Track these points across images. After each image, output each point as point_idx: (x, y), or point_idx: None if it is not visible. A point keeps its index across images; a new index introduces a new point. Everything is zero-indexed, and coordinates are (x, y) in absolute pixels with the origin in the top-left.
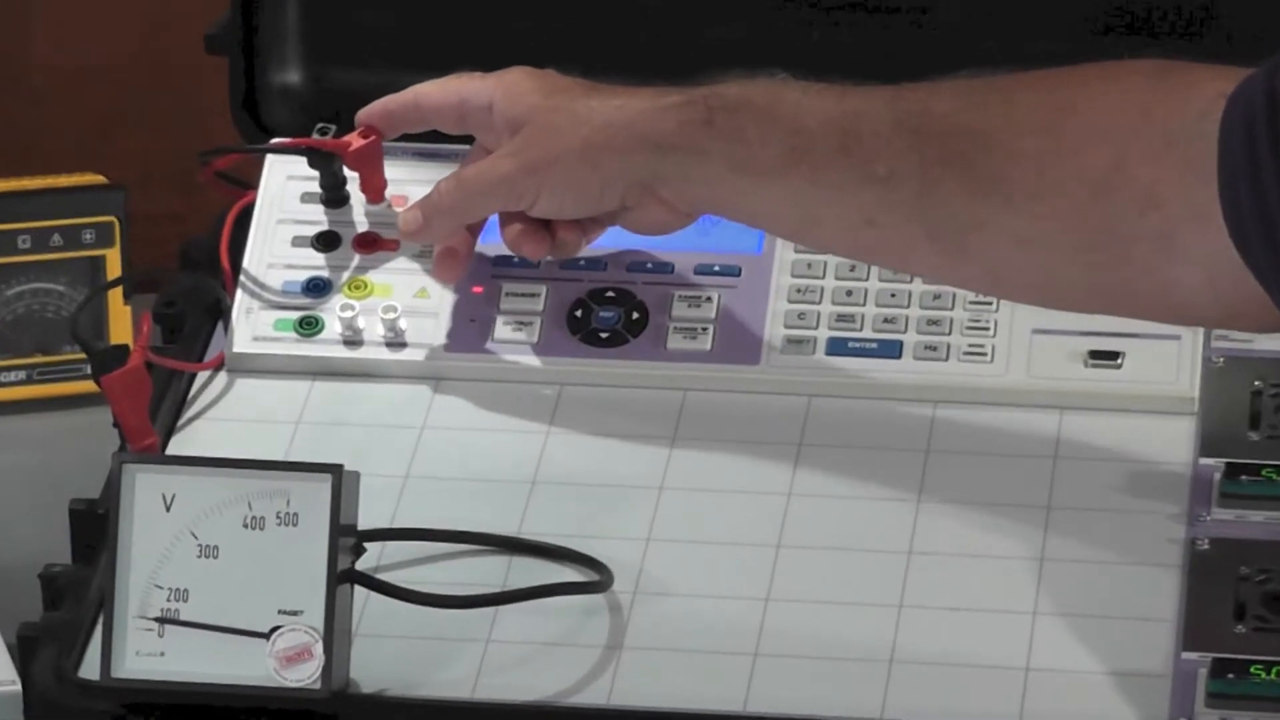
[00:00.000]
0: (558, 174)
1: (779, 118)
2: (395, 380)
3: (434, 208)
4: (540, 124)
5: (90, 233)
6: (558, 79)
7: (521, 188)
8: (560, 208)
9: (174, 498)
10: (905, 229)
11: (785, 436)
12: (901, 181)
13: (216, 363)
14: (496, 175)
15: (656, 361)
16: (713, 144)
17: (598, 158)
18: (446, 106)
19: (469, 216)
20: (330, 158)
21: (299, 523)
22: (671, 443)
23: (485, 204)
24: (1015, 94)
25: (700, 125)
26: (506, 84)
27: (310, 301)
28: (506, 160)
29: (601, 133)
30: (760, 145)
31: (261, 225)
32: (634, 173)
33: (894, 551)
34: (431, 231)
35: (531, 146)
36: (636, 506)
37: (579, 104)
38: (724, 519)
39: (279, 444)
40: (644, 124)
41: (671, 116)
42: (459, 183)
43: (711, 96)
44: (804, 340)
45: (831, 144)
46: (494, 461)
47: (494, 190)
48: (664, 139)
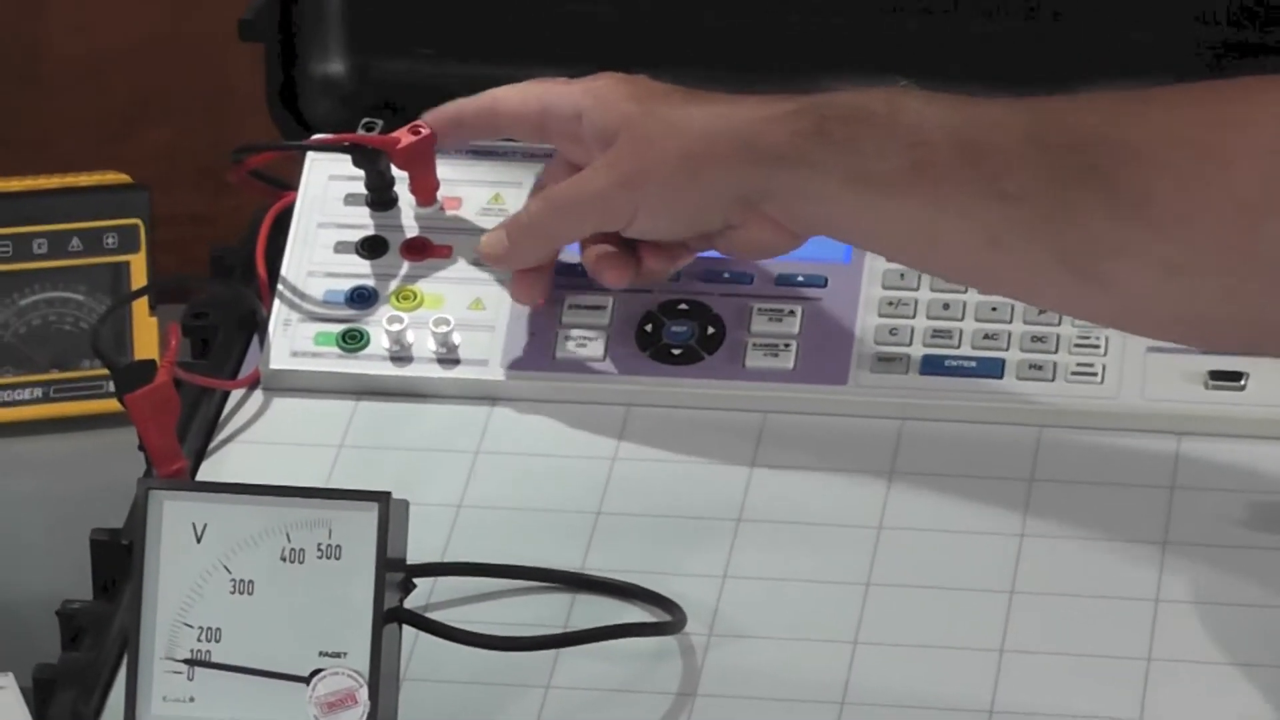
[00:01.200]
0: (655, 189)
1: (898, 128)
2: (447, 400)
3: (520, 230)
4: (635, 134)
5: (112, 237)
6: (652, 85)
7: (618, 205)
8: (657, 227)
9: (205, 528)
10: (1034, 252)
11: (875, 464)
12: (1031, 199)
13: (251, 380)
14: (590, 192)
15: (733, 381)
16: (826, 156)
17: (698, 169)
18: (527, 114)
19: (560, 239)
20: (377, 155)
21: (342, 556)
22: (750, 470)
23: (578, 225)
24: (1166, 107)
25: (812, 135)
26: (596, 91)
27: (354, 313)
28: (600, 175)
29: (702, 142)
30: (878, 158)
31: (301, 229)
32: (738, 187)
33: (994, 590)
34: (518, 256)
35: (626, 159)
36: (712, 540)
37: (676, 111)
38: (808, 554)
39: (320, 469)
40: (749, 133)
41: (780, 126)
42: (547, 202)
43: (824, 104)
44: (896, 358)
45: (955, 157)
46: (556, 489)
47: (587, 209)
48: (772, 150)
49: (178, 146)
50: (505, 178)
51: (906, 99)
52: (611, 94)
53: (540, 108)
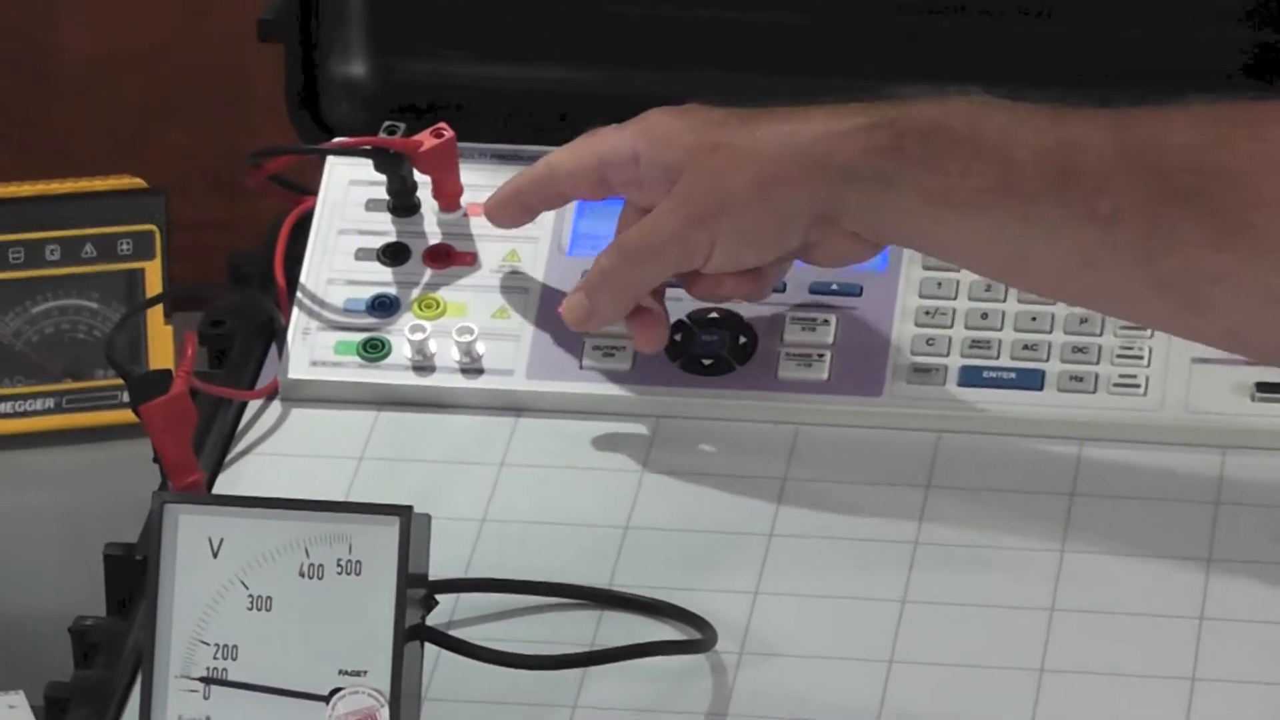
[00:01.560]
0: (730, 221)
1: (983, 146)
2: (471, 411)
3: (598, 287)
4: (700, 168)
5: (127, 243)
6: (707, 113)
7: (693, 244)
8: (739, 257)
9: (222, 542)
10: (1130, 275)
11: (911, 477)
12: (1128, 222)
13: (269, 390)
14: (663, 236)
15: (766, 392)
16: (904, 173)
17: (772, 195)
18: (584, 171)
19: (640, 288)
20: (399, 160)
21: (362, 571)
22: (782, 484)
23: (655, 271)
24: (1266, 127)
25: (889, 152)
26: (650, 129)
27: (375, 322)
28: (670, 216)
29: (772, 167)
30: (960, 176)
31: (321, 236)
32: (814, 206)
33: (1034, 608)
34: (602, 316)
35: (695, 195)
36: (743, 556)
37: (740, 137)
38: (842, 570)
39: (340, 482)
40: (821, 151)
41: (854, 142)
42: (620, 253)
43: (900, 119)
44: (933, 369)
45: (1047, 177)
46: (582, 503)
47: (662, 254)
48: (846, 167)
49: (194, 150)
50: None
51: (987, 113)
52: (666, 130)
53: (596, 161)
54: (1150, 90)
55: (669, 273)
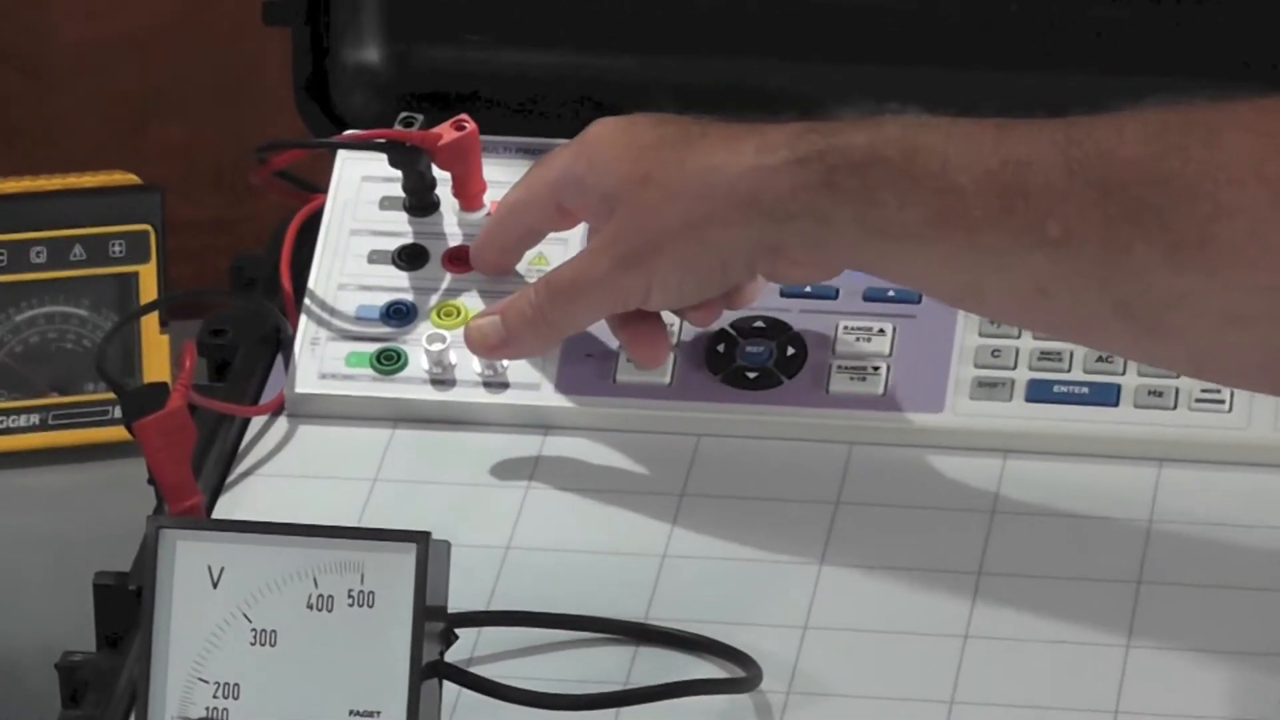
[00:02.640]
0: (664, 262)
1: (920, 175)
2: (495, 428)
3: (521, 320)
4: (632, 203)
5: (119, 244)
6: (645, 133)
7: (626, 288)
8: (680, 296)
9: (222, 571)
10: (1086, 300)
11: (974, 501)
12: (1080, 244)
13: (275, 405)
14: (593, 278)
15: (816, 408)
16: (839, 210)
17: (705, 235)
18: (540, 202)
19: (566, 329)
20: (416, 154)
21: (376, 603)
22: (834, 509)
23: (586, 313)
24: (1222, 133)
25: (820, 188)
26: (590, 150)
27: (390, 331)
28: (600, 256)
29: (701, 204)
30: (899, 209)
31: (331, 237)
32: (752, 244)
33: (1108, 644)
34: (517, 349)
35: (625, 234)
36: (790, 586)
37: (670, 170)
38: (898, 602)
39: (351, 506)
40: (749, 188)
41: (783, 178)
42: (550, 291)
43: (830, 151)
44: (998, 383)
45: (991, 203)
46: (616, 529)
47: (593, 297)
48: (778, 206)
49: (193, 144)
50: None
51: (925, 137)
52: (603, 152)
53: (548, 190)
54: None
55: (602, 315)
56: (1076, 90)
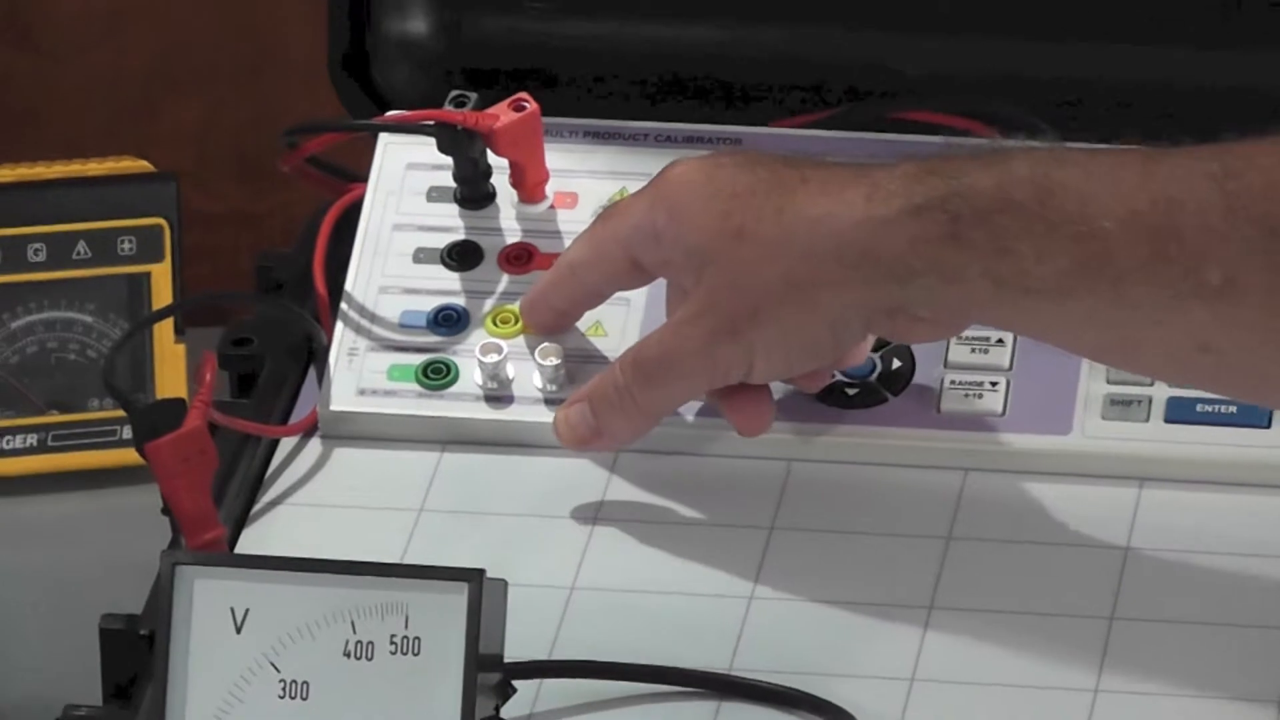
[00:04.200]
0: (767, 331)
1: (1057, 220)
2: (558, 452)
3: (609, 406)
4: (725, 262)
5: (129, 240)
6: (734, 174)
7: (725, 362)
8: (787, 366)
9: (247, 614)
10: (1256, 357)
11: (1106, 537)
12: (1245, 293)
13: (307, 425)
14: (686, 353)
15: (925, 430)
16: (967, 265)
17: (813, 299)
18: (609, 261)
19: (661, 412)
20: (469, 138)
21: (422, 650)
22: (945, 544)
23: (681, 393)
24: None
25: (943, 242)
26: (670, 198)
27: (439, 340)
28: (692, 328)
29: (807, 264)
30: (1035, 260)
31: (371, 233)
32: (869, 307)
33: (1261, 700)
34: (612, 439)
35: (720, 300)
36: (895, 632)
37: (767, 224)
38: (1019, 652)
39: (395, 539)
40: (862, 245)
41: (900, 232)
42: (638, 372)
43: (951, 198)
44: (1134, 400)
45: (1140, 249)
46: (696, 567)
47: (688, 374)
48: (897, 264)
49: (213, 125)
50: (634, 167)
51: (1057, 174)
52: (688, 202)
53: (619, 248)
54: None
55: (698, 393)
56: None
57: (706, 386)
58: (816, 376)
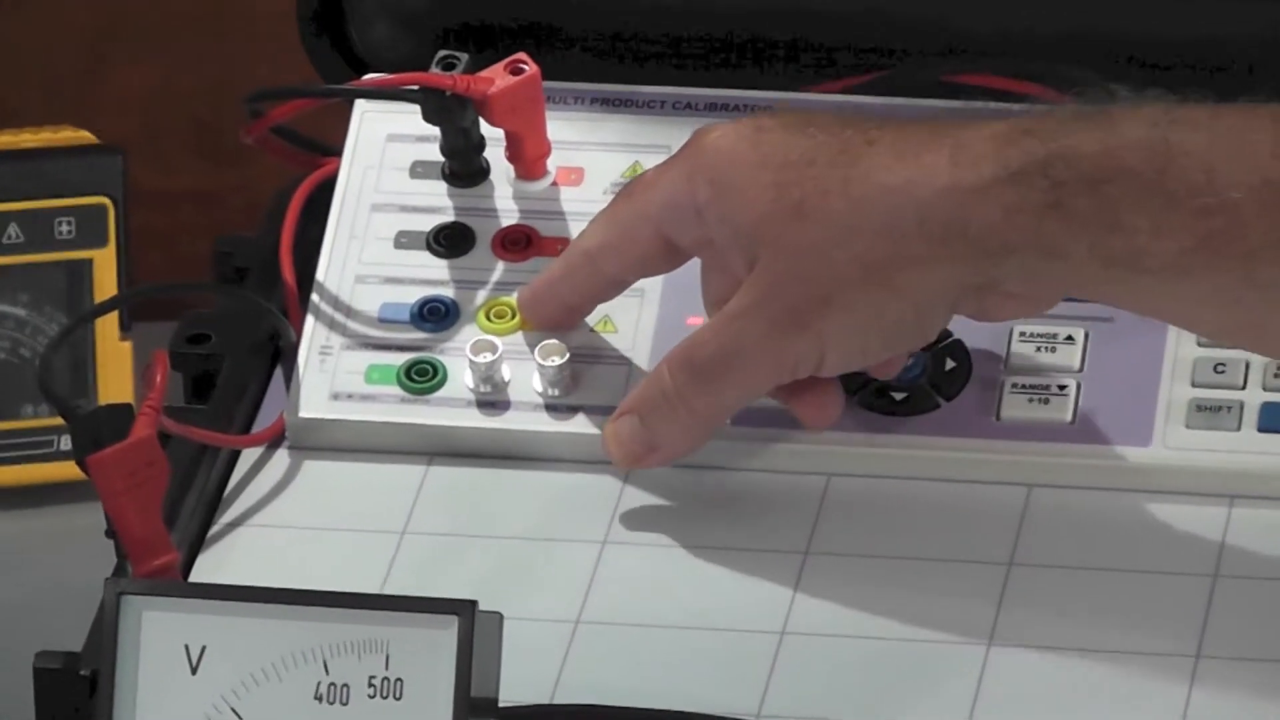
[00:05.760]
0: (839, 320)
1: (1178, 192)
2: (561, 465)
3: (661, 416)
4: (784, 245)
5: (68, 222)
6: (784, 139)
7: (791, 356)
8: (864, 356)
9: (204, 652)
10: None
11: (1191, 562)
12: None
13: (273, 434)
14: (746, 349)
15: (983, 439)
16: (1072, 240)
17: (892, 281)
18: (638, 241)
19: (720, 417)
20: (460, 106)
21: (404, 694)
22: (1005, 571)
23: (742, 393)
24: None
25: (1044, 212)
26: (712, 174)
27: (425, 337)
28: (751, 320)
29: (885, 242)
30: (1152, 236)
31: (347, 214)
32: (956, 286)
33: None
34: (668, 453)
35: (782, 288)
36: (949, 672)
37: (833, 197)
38: (1092, 696)
39: (373, 566)
40: (949, 219)
41: (993, 202)
42: (692, 373)
43: (1053, 162)
44: (1224, 406)
45: (1275, 223)
46: (720, 598)
47: (749, 373)
48: (990, 238)
49: (165, 91)
50: (648, 139)
51: (1176, 137)
52: (732, 173)
53: (650, 226)
54: None
55: (763, 393)
56: None
57: (771, 385)
58: (891, 363)
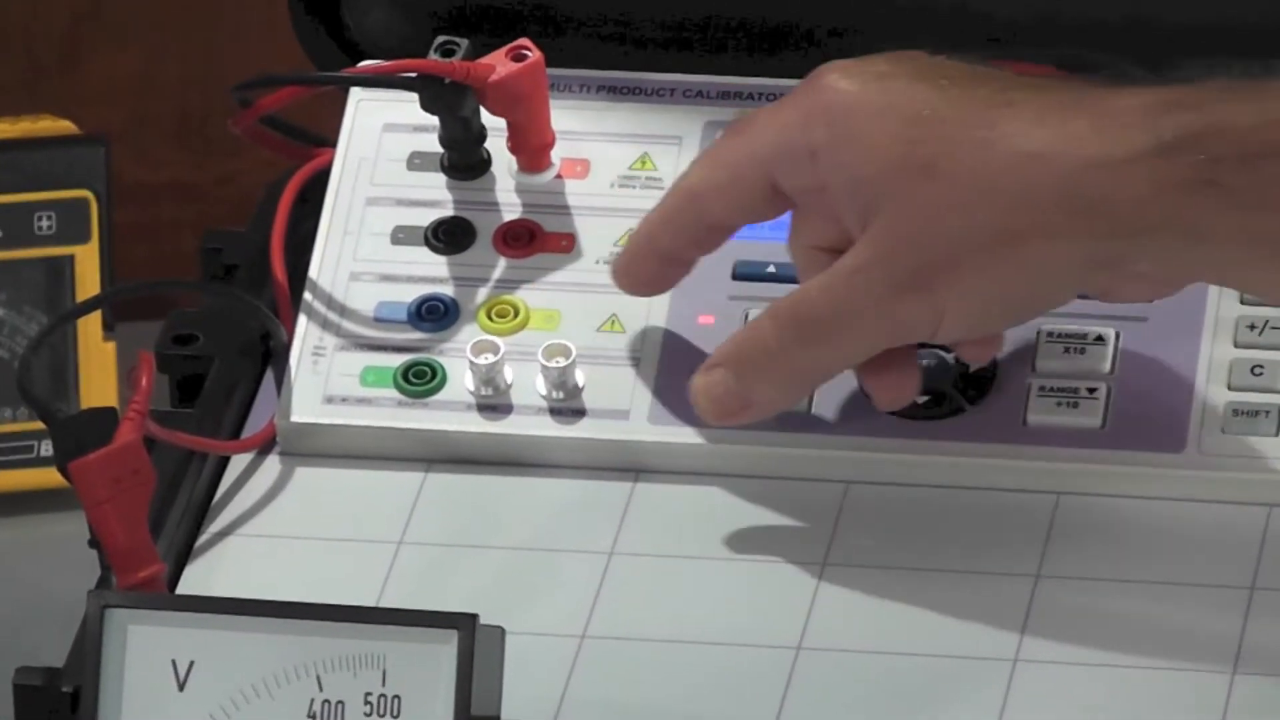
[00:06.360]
0: (962, 286)
1: None
2: (565, 472)
3: (757, 370)
4: (908, 203)
5: (48, 217)
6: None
7: (908, 320)
8: (983, 324)
9: (192, 668)
10: None
11: (1227, 574)
12: None
13: (263, 440)
14: (859, 307)
15: (1009, 445)
16: (1219, 218)
17: (1022, 252)
18: (746, 183)
19: (822, 377)
20: (459, 94)
21: (402, 711)
22: (1033, 584)
23: (850, 353)
24: None
25: (1195, 189)
26: (831, 117)
27: (423, 338)
28: (867, 278)
29: (1020, 211)
30: None
31: (341, 208)
32: (1087, 262)
33: None
34: (761, 409)
35: (906, 248)
36: (973, 689)
37: (966, 158)
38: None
39: (369, 578)
40: (1091, 192)
41: (1141, 176)
42: (796, 328)
43: (1209, 136)
44: (1262, 410)
45: None
46: (731, 612)
47: (860, 332)
48: (1133, 214)
49: (150, 78)
50: (656, 129)
51: None
52: (856, 121)
53: (760, 167)
54: None
55: (869, 354)
56: None
57: (881, 347)
58: (988, 344)
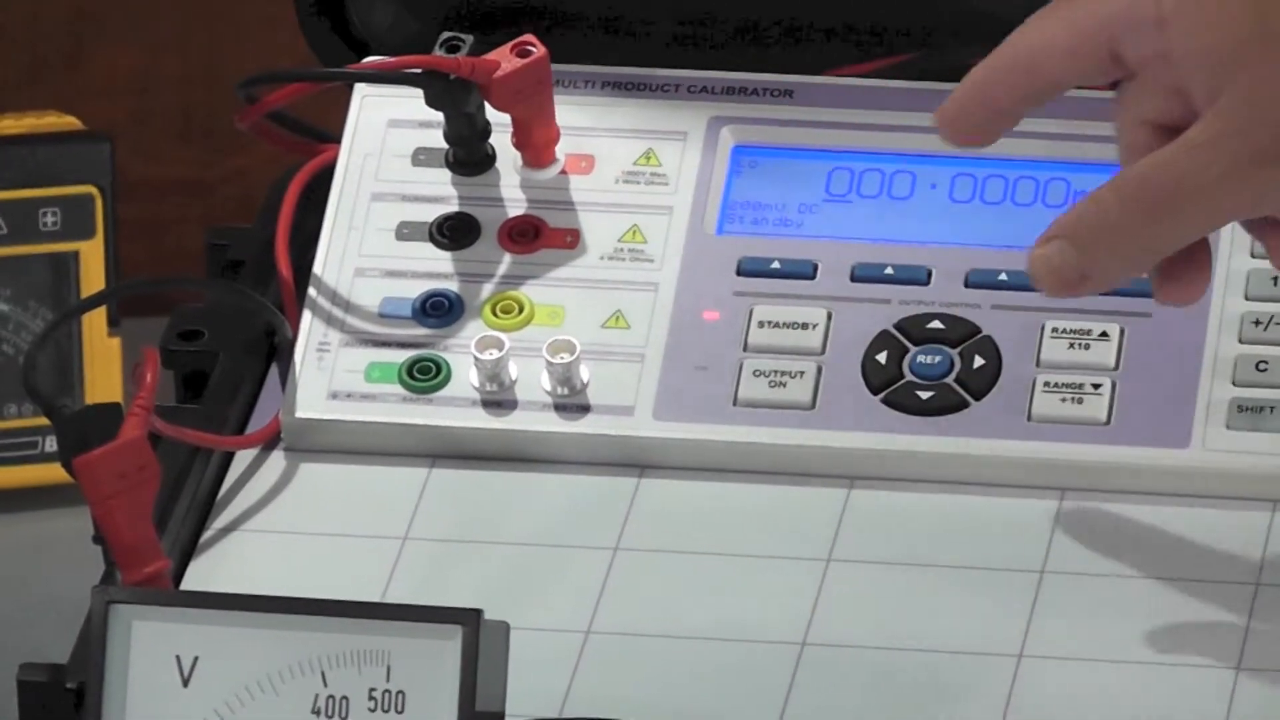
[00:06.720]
0: None
1: None
2: (570, 468)
3: (1099, 243)
4: (1264, 74)
5: (53, 213)
6: None
7: (1260, 193)
8: None
9: (196, 663)
10: None
11: (1232, 570)
12: None
13: (268, 436)
14: (1211, 180)
15: (1013, 441)
16: None
17: None
18: (1087, 41)
19: (1165, 249)
20: (464, 90)
21: (406, 707)
22: (1038, 580)
23: (1195, 228)
24: None
25: None
26: None
27: (428, 333)
28: (1222, 151)
29: None
30: None
31: (346, 204)
32: None
33: None
34: (1100, 282)
35: (1260, 119)
36: (977, 686)
37: None
38: (1130, 709)
39: (374, 573)
40: None
41: None
42: (1144, 201)
43: None
44: (1267, 406)
45: None
46: (736, 608)
47: (1210, 205)
48: None
49: (153, 75)
50: (661, 125)
51: None
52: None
53: (1098, 24)
54: None
55: (1215, 228)
56: None
57: (1225, 222)
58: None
